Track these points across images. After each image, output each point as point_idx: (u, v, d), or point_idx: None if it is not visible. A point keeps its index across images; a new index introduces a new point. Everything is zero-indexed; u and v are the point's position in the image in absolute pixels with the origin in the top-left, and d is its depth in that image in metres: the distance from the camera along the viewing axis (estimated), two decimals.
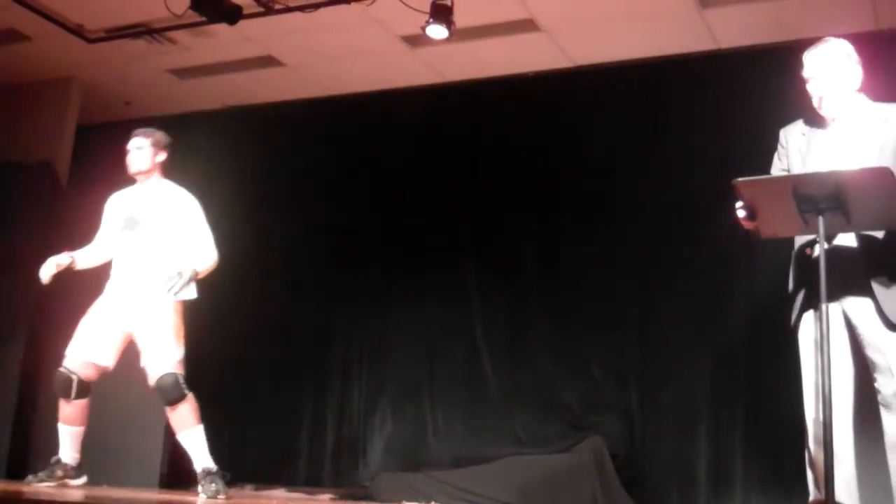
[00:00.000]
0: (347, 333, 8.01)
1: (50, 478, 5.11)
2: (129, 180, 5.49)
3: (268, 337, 8.12)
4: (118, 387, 5.29)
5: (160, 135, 5.39)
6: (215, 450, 7.93)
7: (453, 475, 7.02)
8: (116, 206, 5.42)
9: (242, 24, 6.76)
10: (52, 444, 5.32)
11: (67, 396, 5.11)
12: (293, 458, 7.88)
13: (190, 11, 6.56)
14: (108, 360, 5.14)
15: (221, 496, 4.91)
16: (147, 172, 5.33)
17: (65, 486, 5.11)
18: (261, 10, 6.95)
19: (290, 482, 7.65)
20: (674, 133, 7.08)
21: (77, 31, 7.56)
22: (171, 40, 7.55)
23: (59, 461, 5.18)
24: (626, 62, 7.29)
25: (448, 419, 7.45)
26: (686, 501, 6.56)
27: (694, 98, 7.00)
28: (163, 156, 5.35)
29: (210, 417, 8.05)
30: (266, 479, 7.66)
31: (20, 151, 7.87)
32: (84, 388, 5.13)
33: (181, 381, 5.01)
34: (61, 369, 5.12)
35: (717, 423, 6.66)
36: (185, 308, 5.23)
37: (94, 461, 5.39)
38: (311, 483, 7.66)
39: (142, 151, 5.31)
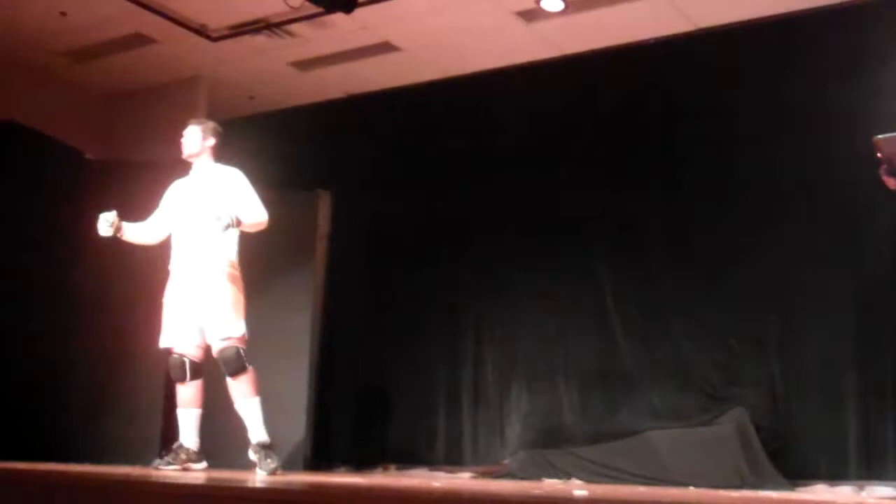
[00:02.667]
0: (477, 312, 8.01)
1: (174, 462, 5.33)
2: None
3: (401, 321, 8.21)
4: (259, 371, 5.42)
5: (211, 123, 5.73)
6: (358, 432, 8.19)
7: (592, 451, 6.97)
8: (174, 192, 5.73)
9: (358, 12, 6.83)
10: (202, 429, 5.50)
11: (183, 379, 5.40)
12: (432, 438, 7.95)
13: (307, 3, 6.65)
14: (203, 339, 5.40)
15: (279, 471, 5.13)
16: (197, 154, 5.62)
17: (188, 470, 5.30)
18: None
19: (430, 462, 7.74)
20: (797, 95, 6.85)
21: (200, 31, 7.76)
22: (291, 33, 7.67)
23: (181, 446, 5.40)
24: (751, 21, 7.06)
25: (584, 395, 7.38)
26: (835, 471, 6.35)
27: (824, 53, 6.75)
28: (212, 141, 5.63)
29: (350, 402, 8.30)
30: (407, 459, 7.80)
31: (155, 151, 8.12)
32: (197, 369, 5.41)
33: (242, 353, 5.27)
34: (174, 355, 5.42)
35: (866, 387, 6.42)
36: (245, 286, 5.49)
37: (243, 447, 5.52)
38: (451, 462, 7.73)
39: (192, 136, 5.64)
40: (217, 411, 5.51)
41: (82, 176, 7.44)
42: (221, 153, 5.71)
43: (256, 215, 5.44)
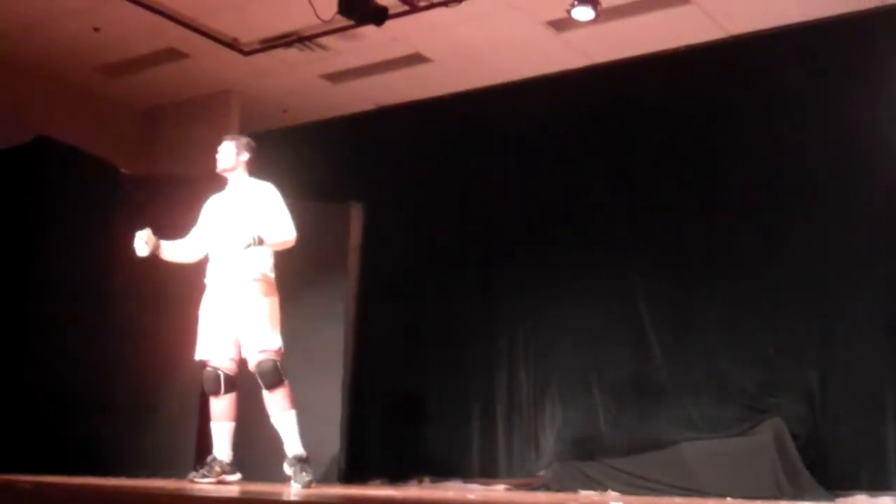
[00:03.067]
0: (511, 324, 7.98)
1: (209, 475, 5.34)
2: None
3: (433, 333, 8.20)
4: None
5: (245, 139, 5.73)
6: (392, 444, 8.18)
7: (628, 462, 6.93)
8: (210, 207, 5.73)
9: (389, 24, 6.84)
10: (237, 442, 5.52)
11: (217, 392, 5.40)
12: (466, 450, 7.93)
13: (338, 16, 6.67)
14: (237, 352, 5.40)
15: (313, 484, 5.08)
16: (231, 169, 5.62)
17: (223, 482, 5.31)
18: (406, 8, 7.01)
19: (465, 474, 7.71)
20: (836, 99, 6.78)
21: (233, 45, 7.82)
22: (322, 46, 7.71)
23: (214, 459, 5.41)
24: (784, 28, 7.01)
25: (619, 406, 7.33)
26: (876, 481, 6.26)
27: (858, 57, 6.69)
28: (246, 155, 5.63)
29: (384, 415, 8.30)
30: (442, 472, 7.77)
31: (189, 165, 8.17)
32: (231, 383, 5.41)
33: (279, 366, 5.27)
34: (208, 368, 5.42)
35: None
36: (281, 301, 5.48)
37: (274, 459, 5.51)
38: (486, 474, 7.70)
39: (226, 151, 5.64)
40: (252, 423, 5.53)
41: (117, 190, 7.49)
42: (255, 166, 5.73)
43: (282, 234, 5.42)
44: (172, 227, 7.33)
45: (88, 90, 8.61)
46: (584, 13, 6.54)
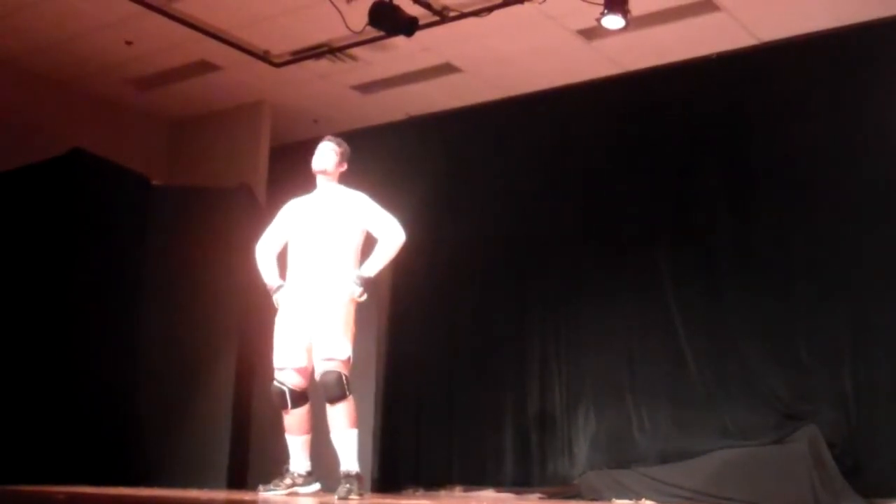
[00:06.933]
0: (543, 332, 7.96)
1: (279, 487, 5.28)
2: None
3: (466, 341, 8.20)
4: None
5: (345, 147, 5.57)
6: (425, 453, 8.18)
7: (662, 471, 6.90)
8: (293, 212, 5.54)
9: (419, 34, 6.85)
10: (270, 452, 5.47)
11: (285, 408, 5.26)
12: (499, 459, 7.90)
13: (368, 27, 6.70)
14: (309, 362, 5.22)
15: (353, 497, 4.90)
16: (329, 174, 5.48)
17: (295, 493, 5.24)
18: (436, 18, 7.04)
19: (497, 483, 7.69)
20: (868, 105, 6.74)
21: (264, 57, 7.88)
22: (353, 57, 7.76)
23: (288, 469, 5.33)
24: (814, 34, 6.99)
25: (652, 414, 7.29)
26: None
27: (891, 65, 6.64)
28: (345, 166, 5.53)
29: (416, 423, 8.30)
30: (474, 480, 7.75)
31: (219, 176, 8.24)
32: (298, 397, 5.26)
33: (344, 380, 5.06)
34: (274, 384, 5.27)
35: None
36: (357, 310, 5.29)
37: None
38: (519, 483, 7.67)
39: (328, 155, 5.49)
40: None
41: (148, 201, 7.54)
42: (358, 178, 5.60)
43: (395, 241, 5.31)
44: (202, 236, 7.41)
45: (121, 103, 8.70)
46: (614, 22, 6.53)
